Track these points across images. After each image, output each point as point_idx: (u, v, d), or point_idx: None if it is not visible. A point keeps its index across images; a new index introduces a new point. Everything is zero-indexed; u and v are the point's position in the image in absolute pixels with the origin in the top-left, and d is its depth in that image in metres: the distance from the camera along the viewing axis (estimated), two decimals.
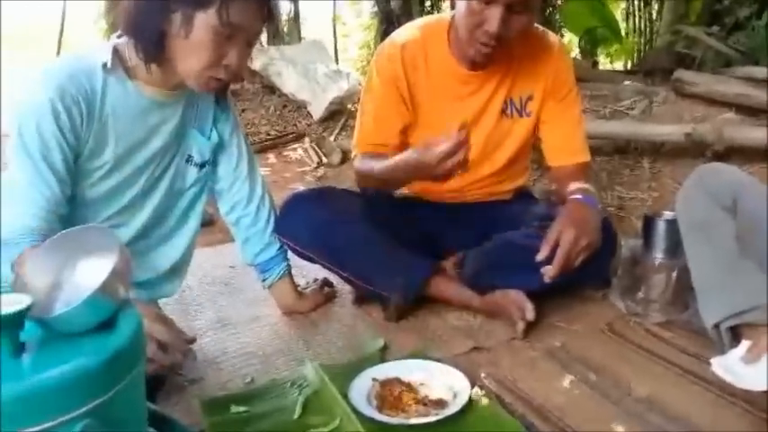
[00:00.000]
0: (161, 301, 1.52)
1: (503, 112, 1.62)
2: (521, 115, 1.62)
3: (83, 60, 1.20)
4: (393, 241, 1.56)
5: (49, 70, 1.17)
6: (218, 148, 1.46)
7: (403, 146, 1.57)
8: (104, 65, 1.19)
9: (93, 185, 1.25)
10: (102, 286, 0.75)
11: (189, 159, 1.39)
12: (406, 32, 1.62)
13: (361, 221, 1.56)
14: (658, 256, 1.53)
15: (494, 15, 1.35)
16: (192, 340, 1.32)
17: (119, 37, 1.22)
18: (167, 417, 0.93)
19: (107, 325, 0.76)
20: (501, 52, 1.46)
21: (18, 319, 0.69)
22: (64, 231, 0.87)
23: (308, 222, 1.54)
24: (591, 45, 6.43)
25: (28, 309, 0.69)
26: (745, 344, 1.07)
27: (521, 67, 1.59)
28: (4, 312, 0.67)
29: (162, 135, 1.30)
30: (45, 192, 1.15)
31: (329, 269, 1.62)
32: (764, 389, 1.03)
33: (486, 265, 1.51)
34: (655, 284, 1.52)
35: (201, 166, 1.42)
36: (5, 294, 0.72)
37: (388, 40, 1.63)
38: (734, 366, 1.05)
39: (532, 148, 1.81)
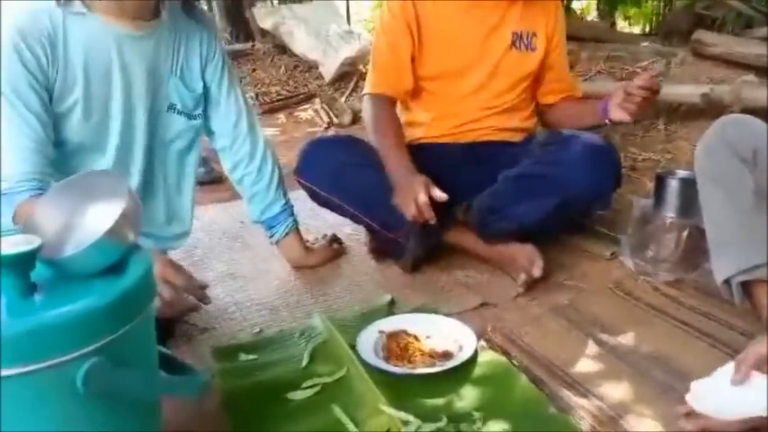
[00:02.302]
0: (172, 255, 1.53)
1: (513, 44, 1.68)
2: (527, 49, 1.70)
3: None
4: None
5: (12, 15, 1.16)
6: (210, 102, 1.44)
7: (413, 90, 1.68)
8: (57, 0, 1.17)
9: (74, 130, 1.24)
10: (112, 229, 0.76)
11: (172, 107, 1.36)
12: None
13: (382, 167, 1.56)
14: (670, 215, 1.51)
15: None
16: (205, 286, 1.32)
17: None
18: (180, 361, 0.94)
19: (117, 267, 0.77)
20: None
21: (28, 258, 0.70)
22: (75, 176, 0.88)
23: (329, 165, 1.58)
24: (609, 7, 6.28)
25: (38, 249, 0.70)
26: None
27: (525, 4, 1.66)
28: (14, 252, 0.68)
29: (132, 73, 1.27)
30: (29, 133, 1.15)
31: (348, 214, 1.62)
32: None
33: (491, 208, 1.52)
34: (665, 243, 1.51)
35: (189, 116, 1.39)
36: (16, 235, 0.73)
37: None
38: None
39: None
